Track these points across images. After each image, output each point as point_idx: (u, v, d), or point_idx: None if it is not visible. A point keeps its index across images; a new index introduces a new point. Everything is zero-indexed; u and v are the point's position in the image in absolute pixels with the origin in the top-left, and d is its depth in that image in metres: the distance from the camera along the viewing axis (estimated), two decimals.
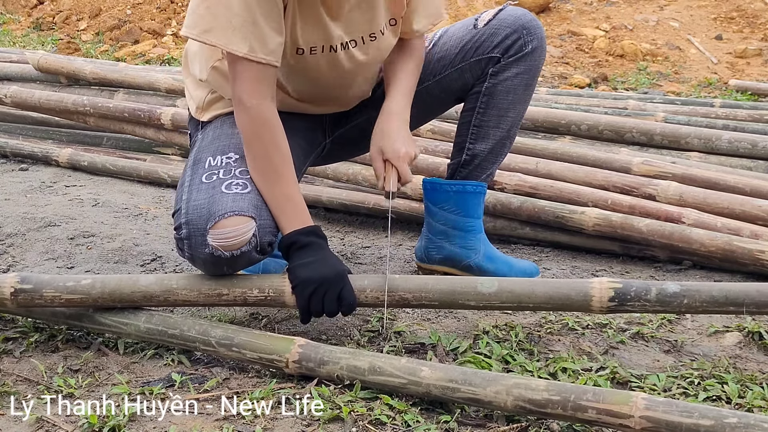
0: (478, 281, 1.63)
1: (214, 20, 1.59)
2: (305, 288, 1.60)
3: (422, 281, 1.65)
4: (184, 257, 1.66)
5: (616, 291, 1.55)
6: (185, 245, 1.62)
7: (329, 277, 1.60)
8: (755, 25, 6.08)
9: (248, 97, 1.64)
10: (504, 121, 1.96)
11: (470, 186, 1.99)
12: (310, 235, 1.65)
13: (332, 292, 1.60)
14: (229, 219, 1.59)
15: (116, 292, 1.63)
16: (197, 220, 1.60)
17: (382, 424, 1.40)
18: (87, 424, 1.38)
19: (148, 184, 2.95)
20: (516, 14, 1.92)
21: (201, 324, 1.61)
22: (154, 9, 6.80)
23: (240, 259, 1.62)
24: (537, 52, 1.92)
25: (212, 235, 1.59)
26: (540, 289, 1.59)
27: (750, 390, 1.53)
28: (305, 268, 1.62)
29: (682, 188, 2.28)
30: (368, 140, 2.01)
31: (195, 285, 1.64)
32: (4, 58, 3.50)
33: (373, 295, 1.63)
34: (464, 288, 1.61)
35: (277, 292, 1.63)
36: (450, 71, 1.96)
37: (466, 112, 1.98)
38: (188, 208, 1.63)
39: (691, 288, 1.54)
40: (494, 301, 1.60)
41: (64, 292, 1.63)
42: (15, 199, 2.73)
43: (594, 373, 1.59)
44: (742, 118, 3.11)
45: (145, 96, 3.06)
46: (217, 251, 1.59)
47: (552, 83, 5.02)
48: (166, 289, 1.64)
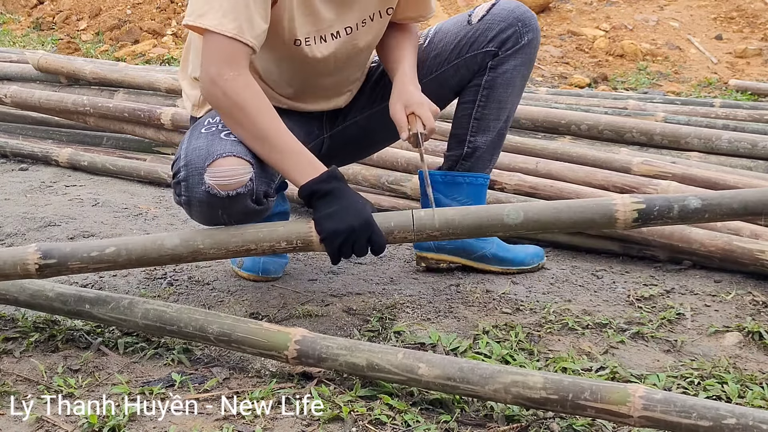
0: (503, 213, 1.62)
1: (209, 5, 1.63)
2: (334, 240, 1.60)
3: (449, 217, 1.63)
4: (180, 203, 1.68)
5: (640, 212, 1.55)
6: (182, 188, 1.64)
7: (356, 226, 1.59)
8: (755, 25, 6.08)
9: (226, 70, 1.63)
10: (503, 113, 1.99)
11: (481, 178, 2.03)
12: (330, 181, 1.63)
13: (361, 240, 1.61)
14: (227, 158, 1.61)
15: (143, 258, 1.63)
16: (196, 160, 1.62)
17: (382, 424, 1.40)
18: (87, 424, 1.38)
19: (148, 184, 2.95)
20: (509, 7, 1.95)
21: (198, 320, 1.59)
22: (154, 9, 6.80)
23: (236, 203, 1.63)
24: (533, 43, 1.96)
25: (209, 173, 1.60)
26: (565, 216, 1.60)
27: (750, 390, 1.53)
28: (331, 219, 1.60)
29: (682, 188, 2.28)
30: (371, 140, 2.04)
31: (222, 243, 1.62)
32: (4, 58, 3.50)
33: (401, 236, 1.64)
34: (491, 221, 1.61)
35: (305, 243, 1.62)
36: (446, 68, 1.99)
37: (466, 104, 2.00)
38: (187, 152, 1.65)
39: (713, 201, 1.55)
40: (521, 231, 1.63)
41: (90, 263, 1.62)
42: (15, 199, 2.73)
43: (594, 372, 1.59)
44: (742, 118, 3.11)
45: (145, 96, 3.06)
46: (213, 189, 1.60)
47: (552, 83, 5.01)
48: (193, 249, 1.62)
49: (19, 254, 1.62)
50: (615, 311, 1.89)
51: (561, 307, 1.89)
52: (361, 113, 2.02)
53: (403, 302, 1.91)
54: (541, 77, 5.17)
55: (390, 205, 2.45)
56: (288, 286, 2.02)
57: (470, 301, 1.93)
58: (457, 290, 1.99)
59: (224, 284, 2.03)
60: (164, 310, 1.62)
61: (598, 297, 1.97)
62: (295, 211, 2.49)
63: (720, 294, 1.97)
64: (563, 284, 2.04)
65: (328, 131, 2.02)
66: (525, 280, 2.06)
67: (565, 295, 1.98)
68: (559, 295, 1.98)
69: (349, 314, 1.86)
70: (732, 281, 2.04)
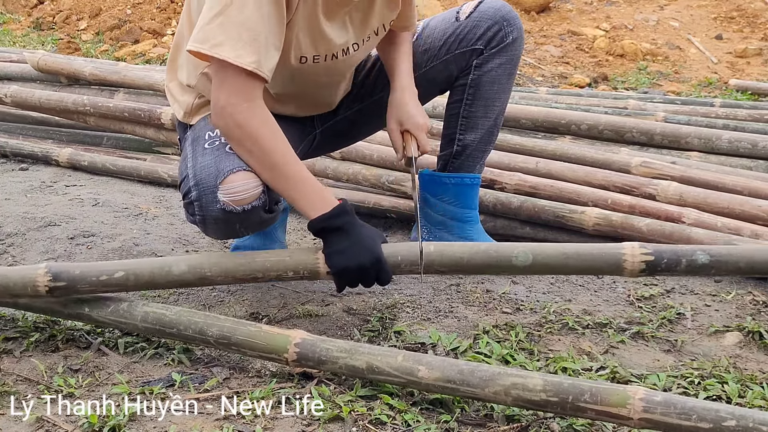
0: (512, 254, 1.61)
1: (224, 34, 1.57)
2: (343, 276, 1.62)
3: (457, 255, 1.63)
4: (195, 222, 1.67)
5: (648, 263, 1.55)
6: (196, 207, 1.64)
7: (367, 264, 1.60)
8: (755, 24, 6.08)
9: (240, 101, 1.61)
10: (491, 111, 2.01)
11: (468, 178, 2.05)
12: (341, 216, 1.62)
13: (370, 277, 1.62)
14: (237, 174, 1.61)
15: (151, 284, 1.65)
16: (206, 179, 1.61)
17: (382, 424, 1.40)
18: (87, 423, 1.38)
19: (148, 184, 2.95)
20: (495, 6, 1.98)
21: (197, 323, 1.59)
22: (154, 9, 6.80)
23: (251, 216, 1.63)
24: (517, 42, 1.98)
25: (222, 190, 1.60)
26: (573, 263, 1.59)
27: (750, 390, 1.53)
28: (341, 255, 1.61)
29: (682, 188, 2.28)
30: (359, 130, 2.08)
31: (228, 270, 1.64)
32: (4, 58, 3.49)
33: (408, 270, 1.65)
34: (499, 262, 1.61)
35: (311, 273, 1.64)
36: (435, 63, 2.01)
37: (453, 104, 2.04)
38: (195, 171, 1.64)
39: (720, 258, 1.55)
40: (528, 273, 1.64)
41: (99, 286, 1.64)
42: (15, 199, 2.73)
43: (594, 372, 1.59)
44: (742, 117, 3.11)
45: (145, 96, 3.05)
46: (229, 206, 1.60)
47: (552, 83, 5.01)
48: (200, 276, 1.64)
49: (29, 275, 1.64)
50: (615, 311, 1.89)
51: (561, 307, 1.89)
52: (350, 109, 2.05)
53: (403, 302, 1.91)
54: (541, 77, 5.17)
55: (390, 204, 2.46)
56: (288, 285, 2.02)
57: (470, 301, 1.93)
58: (457, 290, 1.99)
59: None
60: (164, 313, 1.62)
61: (598, 297, 1.97)
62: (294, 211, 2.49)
63: (720, 294, 1.97)
64: (563, 284, 2.04)
65: (320, 127, 2.05)
66: (525, 279, 2.06)
67: (565, 295, 1.98)
68: (559, 294, 1.98)
69: (349, 314, 1.86)
70: (732, 281, 2.04)
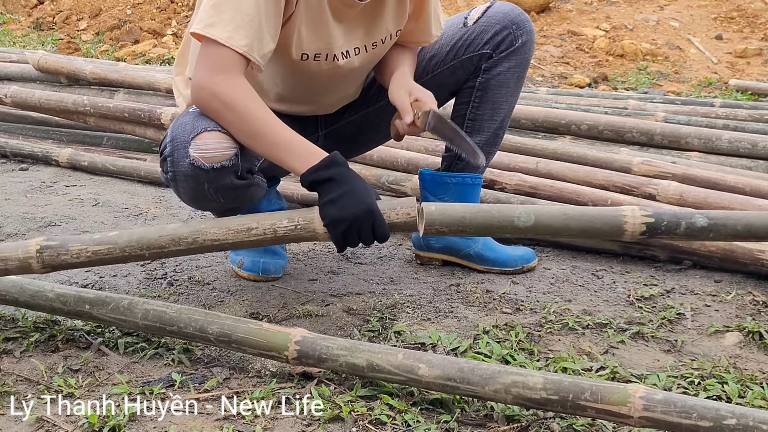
0: (514, 215, 1.59)
1: (218, 16, 1.60)
2: (337, 227, 1.58)
3: (459, 215, 1.59)
4: (167, 180, 1.68)
5: (648, 225, 1.54)
6: (168, 163, 1.64)
7: (360, 215, 1.57)
8: (755, 24, 6.08)
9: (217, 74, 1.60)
10: (497, 114, 2.01)
11: (469, 178, 2.04)
12: (331, 166, 1.59)
13: (366, 228, 1.59)
14: (211, 132, 1.61)
15: (144, 239, 1.60)
16: (181, 134, 1.63)
17: (382, 424, 1.40)
18: (87, 424, 1.38)
19: (148, 184, 2.95)
20: (504, 10, 1.97)
21: (197, 321, 1.59)
22: (154, 9, 6.80)
23: (220, 177, 1.63)
24: (527, 45, 1.97)
25: (194, 146, 1.61)
26: (574, 224, 1.58)
27: (750, 390, 1.53)
28: (334, 205, 1.57)
29: (682, 188, 2.28)
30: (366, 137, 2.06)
31: (223, 222, 1.61)
32: (4, 58, 3.50)
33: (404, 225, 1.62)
34: (501, 222, 1.59)
35: (306, 220, 1.60)
36: (443, 69, 2.01)
37: (460, 105, 2.03)
38: (173, 129, 1.66)
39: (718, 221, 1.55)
40: (530, 234, 1.62)
41: (90, 244, 1.60)
42: (15, 199, 2.73)
43: (594, 372, 1.59)
44: (742, 117, 3.11)
45: (145, 96, 3.06)
46: (198, 162, 1.61)
47: (552, 83, 5.02)
48: (194, 229, 1.60)
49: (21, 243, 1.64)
50: (615, 311, 1.89)
51: (561, 307, 1.89)
52: (356, 113, 2.03)
53: (403, 302, 1.91)
54: (541, 77, 5.18)
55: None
56: (288, 286, 2.02)
57: (470, 301, 1.93)
58: (458, 290, 1.99)
59: (224, 284, 2.03)
60: (164, 311, 1.62)
61: (598, 297, 1.97)
62: None
63: (720, 294, 1.97)
64: (563, 284, 2.04)
65: (323, 129, 2.03)
66: (525, 280, 2.07)
67: (565, 295, 1.98)
68: (559, 295, 1.98)
69: (349, 314, 1.86)
70: (732, 281, 2.04)
